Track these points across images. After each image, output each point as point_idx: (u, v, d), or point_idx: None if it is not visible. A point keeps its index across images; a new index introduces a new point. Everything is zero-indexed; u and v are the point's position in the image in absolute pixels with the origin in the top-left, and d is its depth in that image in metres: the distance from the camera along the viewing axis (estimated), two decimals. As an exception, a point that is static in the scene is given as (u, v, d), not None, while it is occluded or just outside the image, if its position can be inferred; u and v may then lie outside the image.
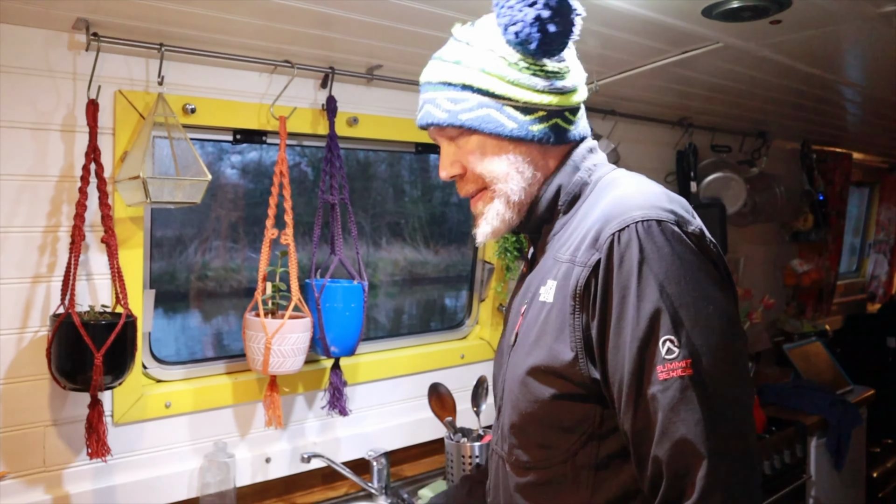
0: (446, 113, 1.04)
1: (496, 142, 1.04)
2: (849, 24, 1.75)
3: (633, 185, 1.03)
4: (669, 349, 0.88)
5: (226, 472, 1.86)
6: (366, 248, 2.44)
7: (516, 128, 1.03)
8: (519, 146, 1.05)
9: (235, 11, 1.52)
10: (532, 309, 1.06)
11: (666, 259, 0.91)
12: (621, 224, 0.94)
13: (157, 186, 1.57)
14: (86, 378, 1.50)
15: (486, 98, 1.02)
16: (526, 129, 1.03)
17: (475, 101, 1.02)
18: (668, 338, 0.88)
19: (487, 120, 1.03)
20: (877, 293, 5.00)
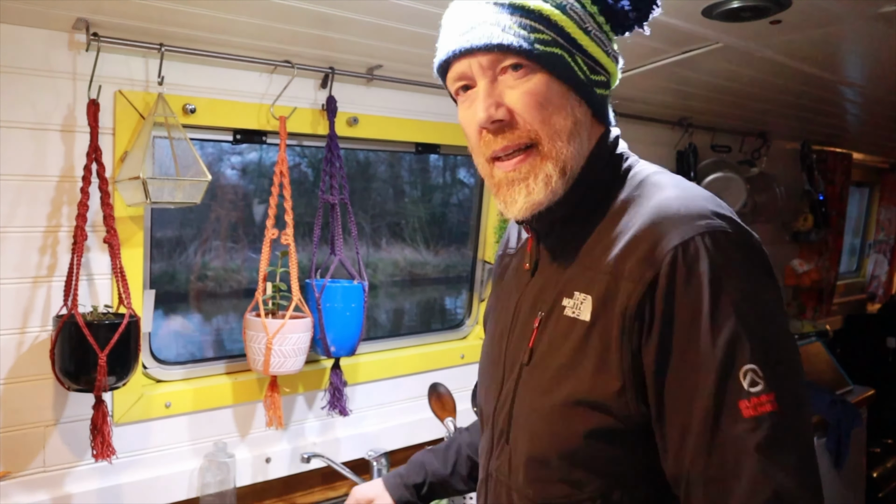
0: (519, 38, 0.85)
1: (563, 90, 0.88)
2: (849, 24, 1.75)
3: (681, 187, 0.89)
4: (753, 380, 0.76)
5: (226, 473, 1.86)
6: (366, 249, 2.44)
7: (585, 82, 0.89)
8: (581, 106, 0.90)
9: (235, 11, 1.51)
10: (554, 323, 0.91)
11: (741, 276, 0.79)
12: (684, 235, 0.80)
13: (157, 187, 1.57)
14: (89, 379, 1.50)
15: (562, 39, 0.87)
16: (592, 88, 0.91)
17: (550, 37, 0.87)
18: (751, 367, 0.76)
19: (561, 62, 0.87)
20: (877, 293, 5.00)
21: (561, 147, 0.88)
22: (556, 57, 0.87)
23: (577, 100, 0.89)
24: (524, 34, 0.86)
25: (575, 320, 0.88)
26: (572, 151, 0.89)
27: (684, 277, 0.79)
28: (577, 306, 0.88)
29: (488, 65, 0.88)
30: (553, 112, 0.88)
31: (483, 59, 0.87)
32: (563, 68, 0.87)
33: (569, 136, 0.88)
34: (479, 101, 0.88)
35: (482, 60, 0.87)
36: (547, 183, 0.89)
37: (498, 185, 0.92)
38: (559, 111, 0.88)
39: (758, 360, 0.76)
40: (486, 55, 0.87)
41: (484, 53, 0.87)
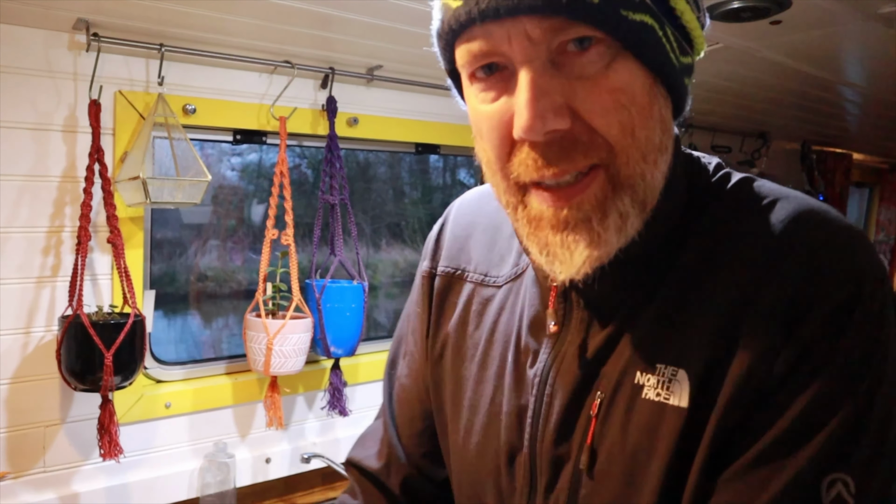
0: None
1: (649, 81, 0.57)
2: (849, 25, 1.75)
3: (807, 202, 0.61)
4: (839, 496, 0.53)
5: (226, 473, 1.86)
6: (366, 250, 2.44)
7: (677, 68, 0.58)
8: (667, 105, 0.60)
9: (235, 11, 1.52)
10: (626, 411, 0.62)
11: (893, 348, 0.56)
12: (846, 287, 0.55)
13: (156, 187, 1.57)
14: (96, 378, 1.51)
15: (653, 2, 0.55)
16: (682, 77, 0.60)
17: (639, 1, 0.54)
18: (840, 476, 0.53)
19: (653, 38, 0.55)
20: (877, 293, 5.00)
21: (644, 170, 0.57)
22: (646, 30, 0.54)
23: (664, 94, 0.59)
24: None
25: (664, 406, 0.59)
26: (657, 176, 0.58)
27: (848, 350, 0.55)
28: (665, 385, 0.60)
29: (542, 36, 0.53)
30: (638, 116, 0.56)
31: (535, 26, 0.53)
32: (655, 48, 0.55)
33: (656, 154, 0.58)
34: (523, 97, 0.54)
35: (532, 29, 0.53)
36: (620, 226, 0.57)
37: (537, 224, 0.59)
38: (646, 116, 0.56)
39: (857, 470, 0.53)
40: (543, 21, 0.52)
41: (539, 18, 0.52)
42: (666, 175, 0.60)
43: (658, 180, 0.58)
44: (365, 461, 0.90)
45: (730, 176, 0.65)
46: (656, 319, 0.61)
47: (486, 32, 0.54)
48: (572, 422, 0.65)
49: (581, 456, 0.64)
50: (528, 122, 0.53)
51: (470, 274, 0.79)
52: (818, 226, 0.58)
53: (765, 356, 0.55)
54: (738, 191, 0.63)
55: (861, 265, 0.56)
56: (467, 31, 0.56)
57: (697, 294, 0.59)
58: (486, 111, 0.59)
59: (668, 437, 0.59)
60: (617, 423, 0.62)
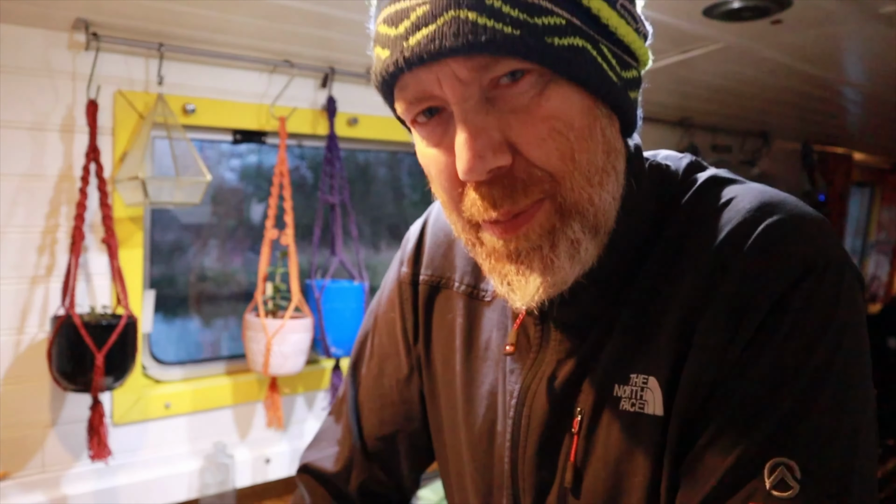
0: (520, 29, 0.51)
1: (588, 103, 0.55)
2: (849, 24, 1.75)
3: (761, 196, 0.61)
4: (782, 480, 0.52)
5: (225, 473, 1.85)
6: (365, 252, 2.44)
7: (617, 85, 0.56)
8: (611, 122, 0.58)
9: (235, 11, 1.51)
10: (608, 425, 0.61)
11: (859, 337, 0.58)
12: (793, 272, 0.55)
13: (156, 187, 1.57)
14: (86, 379, 1.50)
15: (581, 21, 0.54)
16: (625, 92, 0.58)
17: (565, 19, 0.53)
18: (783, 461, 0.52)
19: (586, 60, 0.54)
20: (877, 294, 5.00)
21: (591, 194, 0.56)
22: (577, 52, 0.53)
23: (606, 114, 0.57)
24: (524, 19, 0.51)
25: (635, 416, 0.59)
26: (606, 199, 0.57)
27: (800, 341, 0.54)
28: (638, 395, 0.59)
29: (470, 76, 0.53)
30: (577, 141, 0.55)
31: (461, 67, 0.52)
32: (590, 69, 0.54)
33: (601, 176, 0.56)
34: (460, 139, 0.53)
35: (459, 70, 0.52)
36: (573, 253, 0.57)
37: (494, 257, 0.59)
38: (585, 139, 0.55)
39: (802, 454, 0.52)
40: (468, 61, 0.52)
41: (463, 59, 0.52)
42: (621, 193, 0.60)
43: (607, 202, 0.58)
44: (322, 464, 0.86)
45: (695, 181, 0.64)
46: (626, 331, 0.61)
47: (417, 79, 0.54)
48: (554, 442, 0.65)
49: (566, 475, 0.63)
50: (468, 163, 0.53)
51: (456, 284, 0.77)
52: (769, 218, 0.57)
53: (716, 350, 0.56)
54: (698, 196, 0.63)
55: (811, 251, 0.55)
56: (399, 79, 0.56)
57: (661, 302, 0.60)
58: (431, 155, 0.59)
59: (648, 446, 0.59)
60: (598, 437, 0.62)
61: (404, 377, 0.83)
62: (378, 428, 0.85)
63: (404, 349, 0.83)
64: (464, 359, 0.74)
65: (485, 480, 0.72)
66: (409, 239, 0.86)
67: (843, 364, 0.55)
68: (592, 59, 0.54)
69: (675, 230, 0.61)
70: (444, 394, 0.77)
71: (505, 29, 0.50)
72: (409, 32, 0.52)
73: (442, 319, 0.78)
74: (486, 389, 0.72)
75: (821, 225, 0.58)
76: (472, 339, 0.74)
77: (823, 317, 0.54)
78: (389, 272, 0.88)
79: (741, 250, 0.56)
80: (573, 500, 0.63)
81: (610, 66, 0.56)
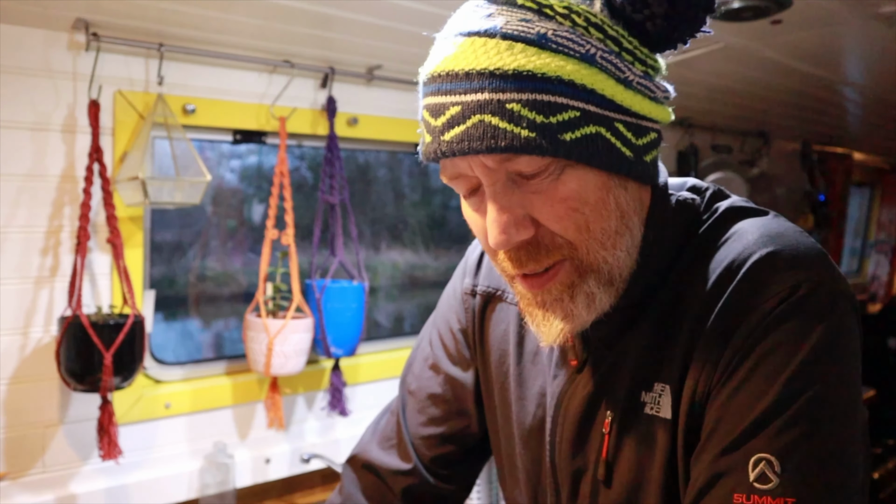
0: (536, 131, 0.59)
1: (602, 179, 0.63)
2: (849, 24, 1.75)
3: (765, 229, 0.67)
4: (763, 473, 0.58)
5: (225, 473, 1.85)
6: (365, 252, 2.44)
7: (632, 159, 0.64)
8: (626, 189, 0.66)
9: (235, 11, 1.51)
10: (634, 427, 0.71)
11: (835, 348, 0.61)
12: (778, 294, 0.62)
13: (156, 187, 1.57)
14: (95, 379, 1.50)
15: (595, 107, 0.61)
16: (641, 158, 0.66)
17: (580, 111, 0.60)
18: (765, 456, 0.59)
19: (600, 145, 0.62)
20: (878, 294, 5.00)
21: (605, 256, 0.65)
22: (592, 140, 0.61)
23: (621, 183, 0.65)
24: (543, 122, 0.59)
25: (653, 418, 0.68)
26: (619, 256, 0.66)
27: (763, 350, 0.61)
28: (657, 400, 0.68)
29: (496, 165, 0.62)
30: (591, 214, 0.63)
31: (487, 159, 0.61)
32: (603, 153, 0.62)
33: (614, 239, 0.65)
34: (490, 215, 0.63)
35: (486, 161, 0.61)
36: (589, 304, 0.67)
37: (525, 301, 0.71)
38: (599, 211, 0.63)
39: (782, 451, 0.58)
40: (492, 156, 0.61)
41: (486, 154, 0.61)
42: (639, 240, 0.68)
43: (621, 258, 0.66)
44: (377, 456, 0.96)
45: (715, 211, 0.72)
46: (649, 347, 0.70)
47: (454, 164, 0.65)
48: (584, 439, 0.75)
49: (598, 469, 0.73)
50: (496, 238, 0.63)
51: (508, 295, 0.87)
52: (763, 249, 0.65)
53: (708, 365, 0.64)
54: (713, 228, 0.71)
55: (800, 276, 0.62)
56: (440, 162, 0.66)
57: (675, 320, 0.68)
58: (473, 218, 0.70)
59: (661, 446, 0.67)
60: (625, 438, 0.71)
61: (461, 377, 0.93)
62: (426, 427, 0.94)
63: (465, 352, 0.93)
64: (516, 363, 0.84)
65: (534, 469, 0.83)
66: (473, 253, 0.96)
67: (824, 376, 0.60)
68: (606, 142, 0.62)
69: (691, 256, 0.70)
70: (499, 393, 0.87)
71: (522, 133, 0.59)
72: (445, 129, 0.62)
73: (496, 327, 0.88)
74: (535, 391, 0.82)
75: (816, 255, 0.64)
76: (523, 346, 0.84)
77: (805, 329, 0.60)
78: (451, 282, 0.98)
79: (736, 276, 0.64)
80: (605, 490, 0.72)
81: (625, 141, 0.64)
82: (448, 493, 0.95)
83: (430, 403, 0.94)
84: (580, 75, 0.60)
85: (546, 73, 0.59)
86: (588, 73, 0.60)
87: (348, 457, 1.00)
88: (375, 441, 0.97)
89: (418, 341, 1.00)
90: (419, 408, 0.95)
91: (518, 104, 0.59)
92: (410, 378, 0.97)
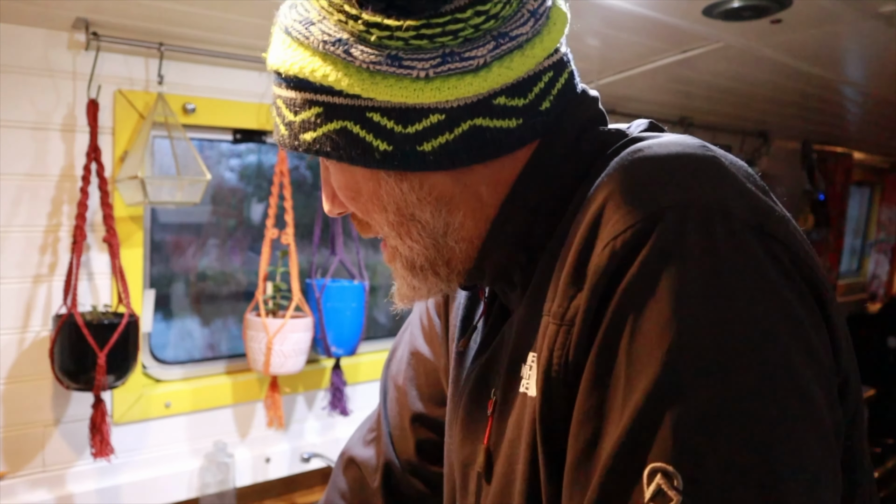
0: (287, 128, 0.60)
1: (370, 173, 0.60)
2: (849, 24, 1.75)
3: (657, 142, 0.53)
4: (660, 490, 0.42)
5: (225, 473, 1.86)
6: (365, 251, 2.44)
7: (393, 150, 0.56)
8: (401, 179, 0.59)
9: (235, 11, 1.51)
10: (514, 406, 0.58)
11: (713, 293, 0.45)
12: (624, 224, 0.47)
13: (155, 186, 1.57)
14: (89, 378, 1.50)
15: (341, 99, 0.56)
16: (415, 151, 0.56)
17: (322, 107, 0.57)
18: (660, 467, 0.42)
19: (346, 141, 0.57)
20: (877, 293, 5.00)
21: (396, 244, 0.63)
22: (333, 136, 0.57)
23: (396, 175, 0.59)
24: (289, 119, 0.59)
25: (524, 397, 0.56)
26: (412, 245, 0.62)
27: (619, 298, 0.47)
28: (528, 375, 0.56)
29: None
30: (368, 204, 0.61)
31: None
32: (349, 148, 0.57)
33: (398, 229, 0.61)
34: None
35: None
36: (402, 282, 0.65)
37: None
38: (373, 202, 0.61)
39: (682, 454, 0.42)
40: None
41: None
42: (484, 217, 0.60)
43: (415, 248, 0.62)
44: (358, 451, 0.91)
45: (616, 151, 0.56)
46: (528, 315, 0.58)
47: None
48: (472, 424, 0.64)
49: (478, 459, 0.62)
50: (324, 205, 0.67)
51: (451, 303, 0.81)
52: (632, 163, 0.51)
53: (555, 335, 0.51)
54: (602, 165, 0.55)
55: (670, 196, 0.46)
56: None
57: (544, 285, 0.55)
58: None
59: (526, 434, 0.55)
60: (507, 421, 0.59)
61: (434, 360, 0.85)
62: (405, 415, 0.87)
63: (438, 331, 0.85)
64: (458, 341, 0.75)
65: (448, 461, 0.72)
66: None
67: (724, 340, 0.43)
68: (352, 137, 0.56)
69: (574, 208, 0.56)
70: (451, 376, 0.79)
71: (282, 129, 0.61)
72: None
73: (453, 302, 0.80)
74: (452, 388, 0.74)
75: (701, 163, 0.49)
76: (468, 322, 0.75)
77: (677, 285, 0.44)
78: None
79: (591, 209, 0.50)
80: (486, 485, 0.61)
81: (381, 132, 0.56)
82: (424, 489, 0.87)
83: (408, 390, 0.87)
84: (315, 70, 0.55)
85: (288, 71, 0.57)
86: (322, 66, 0.55)
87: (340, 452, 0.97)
88: (360, 435, 0.93)
89: (398, 336, 0.94)
90: (397, 396, 0.88)
91: (280, 100, 0.61)
92: (393, 363, 0.91)
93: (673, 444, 0.42)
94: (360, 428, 0.95)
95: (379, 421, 0.90)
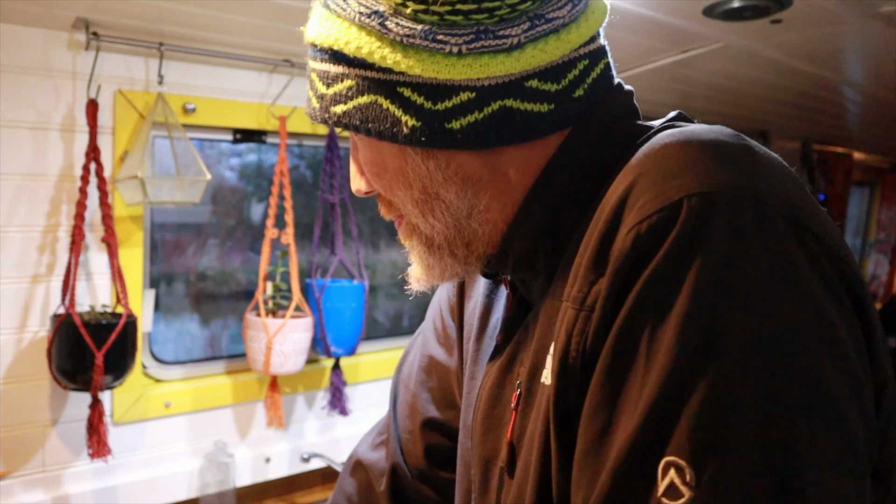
0: (319, 101, 0.61)
1: (397, 149, 0.60)
2: (849, 24, 1.75)
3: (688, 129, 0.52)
4: (672, 485, 0.41)
5: (225, 472, 1.86)
6: (365, 251, 2.44)
7: (422, 126, 0.57)
8: (428, 157, 0.59)
9: (235, 10, 1.51)
10: (534, 400, 0.58)
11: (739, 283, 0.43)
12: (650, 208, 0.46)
13: (155, 186, 1.57)
14: (86, 378, 1.50)
15: (373, 73, 0.57)
16: (443, 128, 0.56)
17: (355, 81, 0.58)
18: (675, 461, 0.41)
19: (375, 115, 0.58)
20: (877, 293, 5.00)
21: (417, 222, 0.63)
22: (364, 110, 0.58)
23: (422, 153, 0.59)
24: (322, 92, 0.60)
25: (544, 388, 0.55)
26: (434, 224, 0.61)
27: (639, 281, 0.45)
28: (549, 363, 0.55)
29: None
30: (393, 180, 0.61)
31: None
32: (378, 122, 0.57)
33: (421, 207, 0.61)
34: None
35: None
36: (421, 261, 0.65)
37: None
38: (398, 179, 0.61)
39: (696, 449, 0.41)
40: None
41: None
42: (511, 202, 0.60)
43: (437, 227, 0.62)
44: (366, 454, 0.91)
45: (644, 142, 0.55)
46: (552, 300, 0.57)
47: None
48: (494, 417, 0.63)
49: (501, 453, 0.60)
50: (350, 183, 0.68)
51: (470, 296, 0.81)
52: (661, 149, 0.49)
53: (573, 321, 0.50)
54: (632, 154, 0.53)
55: (699, 182, 0.44)
56: None
57: (566, 275, 0.54)
58: None
59: (542, 419, 0.54)
60: (530, 415, 0.57)
61: (446, 362, 0.84)
62: (415, 419, 0.86)
63: (451, 333, 0.85)
64: (476, 338, 0.75)
65: (464, 459, 0.72)
66: None
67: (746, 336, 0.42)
68: (382, 111, 0.57)
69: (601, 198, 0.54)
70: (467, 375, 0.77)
71: (314, 103, 0.62)
72: None
73: (470, 300, 0.80)
74: (470, 382, 0.74)
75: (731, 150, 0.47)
76: (487, 318, 0.74)
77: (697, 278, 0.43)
78: None
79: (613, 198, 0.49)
80: (507, 481, 0.60)
81: (411, 107, 0.56)
82: (432, 495, 0.86)
83: (419, 394, 0.85)
84: (350, 42, 0.56)
85: (323, 43, 0.59)
86: (357, 38, 0.56)
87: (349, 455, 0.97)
88: (369, 439, 0.93)
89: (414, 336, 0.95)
90: (408, 400, 0.87)
91: (315, 74, 0.62)
92: (405, 367, 0.91)
93: (688, 438, 0.41)
94: (370, 432, 0.95)
95: (388, 425, 0.90)
